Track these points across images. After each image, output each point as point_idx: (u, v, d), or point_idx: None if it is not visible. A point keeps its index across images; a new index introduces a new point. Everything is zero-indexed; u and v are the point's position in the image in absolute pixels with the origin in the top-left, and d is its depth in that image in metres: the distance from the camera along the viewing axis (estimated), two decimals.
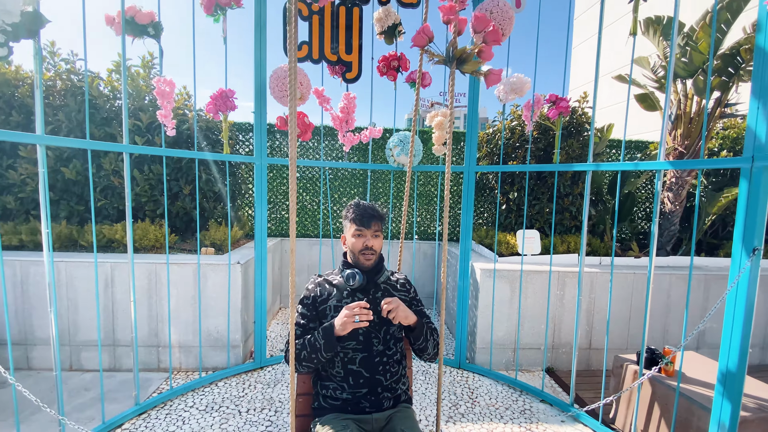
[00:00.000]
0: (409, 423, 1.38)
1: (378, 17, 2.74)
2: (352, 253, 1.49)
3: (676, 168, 1.89)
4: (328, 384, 1.42)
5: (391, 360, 1.43)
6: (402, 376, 1.49)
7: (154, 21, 2.16)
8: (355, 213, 1.47)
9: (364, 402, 1.38)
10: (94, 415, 2.29)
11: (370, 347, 1.40)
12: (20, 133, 1.78)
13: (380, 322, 1.43)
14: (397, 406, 1.45)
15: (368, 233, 1.46)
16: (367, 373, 1.39)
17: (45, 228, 1.81)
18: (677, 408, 1.90)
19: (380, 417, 1.39)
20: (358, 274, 1.42)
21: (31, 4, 1.69)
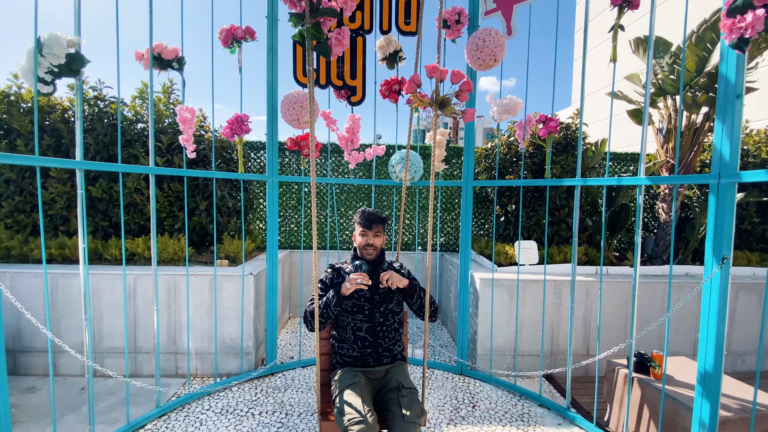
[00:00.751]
0: (402, 374, 1.89)
1: (380, 45, 2.97)
2: (359, 248, 1.99)
3: (654, 183, 2.04)
4: (343, 345, 1.96)
5: (389, 329, 1.96)
6: (398, 341, 2.01)
7: (177, 56, 2.40)
8: (361, 217, 1.97)
9: (369, 358, 1.91)
10: (118, 417, 2.46)
11: (373, 319, 1.92)
12: (63, 160, 2.00)
13: (380, 300, 1.93)
14: (394, 362, 1.97)
15: (370, 233, 1.95)
16: (371, 338, 1.91)
17: (81, 243, 2.02)
18: (664, 409, 2.01)
19: (381, 369, 1.92)
20: (365, 264, 1.88)
21: (74, 47, 1.93)
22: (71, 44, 1.90)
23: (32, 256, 3.21)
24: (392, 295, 1.97)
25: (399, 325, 2.03)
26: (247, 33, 2.67)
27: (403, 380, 1.82)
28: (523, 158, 2.82)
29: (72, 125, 3.35)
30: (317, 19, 1.84)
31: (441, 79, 1.78)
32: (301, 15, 1.82)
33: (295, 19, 1.75)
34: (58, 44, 1.83)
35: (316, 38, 1.84)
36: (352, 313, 1.92)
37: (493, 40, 2.61)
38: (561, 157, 3.65)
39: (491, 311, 3.05)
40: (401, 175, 3.26)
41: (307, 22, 1.65)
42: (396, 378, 1.84)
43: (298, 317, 4.66)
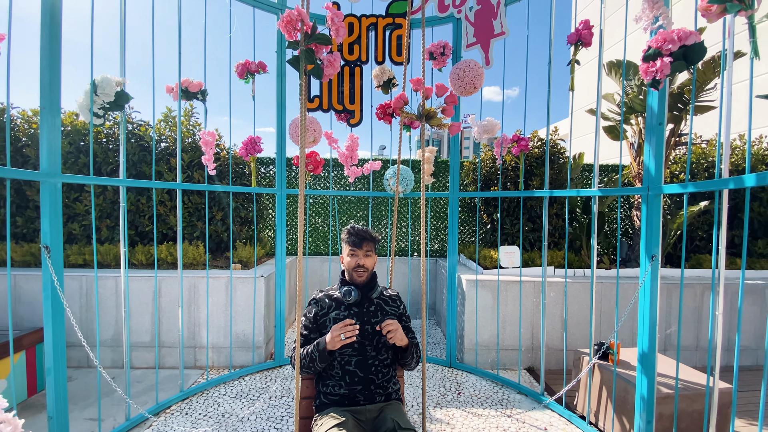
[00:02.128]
0: (399, 413, 1.60)
1: (376, 74, 3.38)
2: (347, 271, 1.76)
3: (604, 194, 2.39)
4: (328, 382, 1.65)
5: (382, 363, 1.68)
6: (393, 377, 1.73)
7: (201, 89, 2.83)
8: (349, 235, 1.75)
9: (359, 396, 1.62)
10: (146, 400, 2.83)
11: (364, 352, 1.65)
12: (108, 178, 2.41)
13: (373, 333, 1.68)
14: (389, 401, 1.68)
15: (360, 253, 1.72)
16: (361, 373, 1.63)
17: (123, 248, 2.42)
18: (617, 388, 2.34)
19: (373, 408, 1.62)
20: (354, 290, 1.68)
21: (120, 86, 2.35)
22: (118, 84, 2.33)
23: (68, 261, 3.62)
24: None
25: (393, 360, 1.75)
26: (259, 67, 3.09)
27: (400, 420, 1.54)
28: (501, 172, 3.19)
29: (103, 146, 3.79)
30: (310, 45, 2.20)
31: (427, 95, 2.15)
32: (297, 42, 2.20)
33: (292, 45, 2.10)
34: (109, 85, 2.25)
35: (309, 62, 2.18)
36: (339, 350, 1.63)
37: (472, 71, 3.00)
38: (541, 170, 4.01)
39: (476, 310, 3.39)
40: (395, 187, 3.64)
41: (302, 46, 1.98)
42: (391, 417, 1.55)
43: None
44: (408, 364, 1.75)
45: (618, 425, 2.34)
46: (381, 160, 4.23)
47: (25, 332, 2.91)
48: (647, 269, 2.01)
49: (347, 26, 3.39)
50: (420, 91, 2.18)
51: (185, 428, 2.49)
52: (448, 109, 2.19)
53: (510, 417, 2.68)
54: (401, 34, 3.41)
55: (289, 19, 1.52)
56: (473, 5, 3.21)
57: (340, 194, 4.06)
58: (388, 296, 1.83)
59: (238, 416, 2.63)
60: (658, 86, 1.85)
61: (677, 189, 1.87)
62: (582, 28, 2.48)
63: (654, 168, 2.00)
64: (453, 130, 2.23)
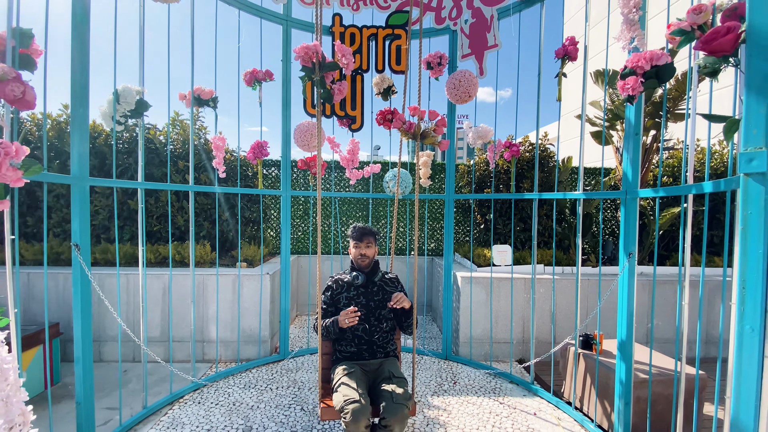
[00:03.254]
0: (394, 366, 2.16)
1: (376, 82, 3.57)
2: (354, 260, 2.28)
3: (589, 197, 2.60)
4: (342, 343, 2.23)
5: (383, 330, 2.23)
6: (390, 340, 2.27)
7: (213, 96, 2.99)
8: (353, 232, 2.28)
9: (365, 353, 2.19)
10: (160, 391, 2.99)
11: (369, 321, 2.20)
12: (126, 181, 2.57)
13: (375, 307, 2.22)
14: (387, 357, 2.23)
15: (362, 245, 2.24)
16: (366, 337, 2.20)
17: (141, 246, 2.58)
18: (599, 374, 2.55)
19: (375, 362, 2.19)
20: (360, 275, 2.22)
21: (140, 95, 2.51)
22: (138, 93, 2.49)
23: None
24: (385, 303, 2.23)
25: (391, 327, 2.28)
26: (266, 75, 3.27)
27: (394, 371, 2.09)
28: (494, 175, 3.39)
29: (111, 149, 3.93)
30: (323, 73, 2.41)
31: (421, 117, 2.36)
32: (312, 69, 2.39)
33: (306, 71, 2.30)
34: (130, 95, 2.42)
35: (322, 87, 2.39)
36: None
37: (467, 81, 3.21)
38: (532, 173, 4.23)
39: (470, 305, 3.59)
40: (394, 189, 3.84)
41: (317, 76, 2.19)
42: (388, 369, 2.11)
43: (304, 315, 5.19)
44: (409, 326, 2.25)
45: (600, 408, 2.55)
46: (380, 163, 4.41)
47: (41, 327, 3.05)
48: (625, 264, 2.22)
49: (349, 36, 3.58)
50: (416, 115, 2.40)
51: (199, 416, 2.65)
52: (439, 129, 2.43)
53: (502, 404, 2.88)
54: (400, 45, 3.60)
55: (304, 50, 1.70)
56: (468, 18, 3.41)
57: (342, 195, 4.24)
58: (388, 279, 2.35)
59: (248, 405, 2.81)
60: (633, 101, 2.06)
61: (650, 193, 2.09)
62: (568, 44, 2.69)
63: (631, 174, 2.21)
64: (443, 146, 2.47)
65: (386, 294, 2.26)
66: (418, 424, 2.60)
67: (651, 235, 4.19)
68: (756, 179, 0.83)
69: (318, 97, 2.39)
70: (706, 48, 1.15)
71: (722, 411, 2.83)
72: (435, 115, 2.40)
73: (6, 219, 1.63)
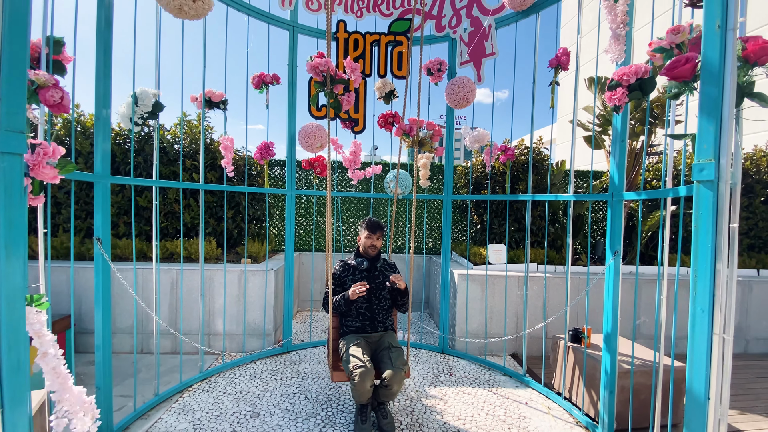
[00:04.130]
0: (392, 338, 2.61)
1: (378, 86, 3.72)
2: (363, 247, 2.68)
3: (577, 199, 2.76)
4: (348, 319, 2.65)
5: (382, 308, 2.66)
6: (389, 316, 2.71)
7: (223, 98, 3.13)
8: (367, 224, 2.66)
9: (368, 327, 2.61)
10: (169, 380, 3.12)
11: (371, 300, 2.63)
12: (143, 179, 2.70)
13: (377, 288, 2.64)
14: (386, 330, 2.67)
15: (374, 237, 2.65)
16: (368, 313, 2.62)
17: (155, 241, 2.72)
18: (587, 366, 2.72)
19: (376, 335, 2.63)
20: (365, 261, 2.67)
21: (156, 97, 2.65)
22: (154, 95, 2.63)
23: (88, 255, 3.88)
24: (385, 285, 2.66)
25: (389, 305, 2.72)
26: (273, 79, 3.41)
27: (392, 342, 2.55)
28: (490, 177, 3.55)
29: (122, 147, 4.06)
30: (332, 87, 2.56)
31: (420, 126, 2.53)
32: (323, 83, 2.55)
33: (318, 85, 2.46)
34: (147, 97, 2.55)
35: (331, 97, 2.55)
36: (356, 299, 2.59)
37: (465, 87, 3.37)
38: (527, 175, 4.39)
39: (466, 302, 3.75)
40: (394, 190, 3.99)
41: (328, 88, 2.36)
42: (387, 340, 2.56)
43: (306, 311, 5.34)
44: (404, 305, 2.66)
45: (587, 398, 2.72)
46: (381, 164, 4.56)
47: (55, 319, 3.17)
48: (611, 262, 2.38)
49: (352, 42, 3.72)
50: (415, 126, 2.57)
51: (208, 403, 2.79)
52: (435, 138, 2.62)
53: (495, 394, 3.04)
54: (402, 51, 3.75)
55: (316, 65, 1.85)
56: (467, 27, 3.56)
57: (344, 195, 4.39)
58: (388, 265, 2.80)
59: (254, 393, 2.95)
60: (619, 111, 2.23)
61: (634, 196, 2.25)
62: (561, 54, 2.85)
63: (617, 178, 2.38)
64: (439, 153, 2.66)
65: (386, 278, 2.68)
66: (417, 411, 2.75)
67: (643, 236, 4.37)
68: (706, 186, 0.98)
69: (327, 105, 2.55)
70: (669, 74, 1.31)
71: None
72: (432, 127, 2.59)
73: (39, 214, 1.76)
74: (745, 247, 4.61)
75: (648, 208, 4.50)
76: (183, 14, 2.23)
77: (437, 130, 2.51)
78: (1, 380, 0.85)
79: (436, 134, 2.52)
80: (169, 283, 3.63)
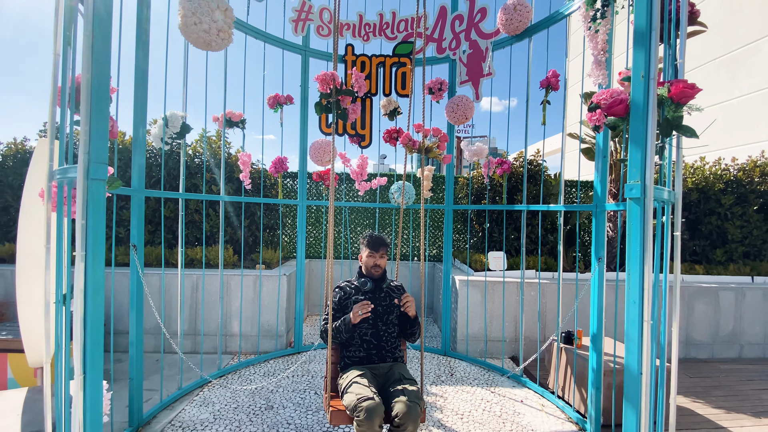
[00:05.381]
0: (404, 369, 2.19)
1: (383, 104, 4.01)
2: (365, 267, 2.31)
3: (569, 209, 2.98)
4: (350, 349, 2.23)
5: (390, 335, 2.25)
6: (398, 345, 2.31)
7: (242, 118, 3.44)
8: (369, 241, 2.28)
9: (374, 357, 2.19)
10: (190, 377, 3.39)
11: (377, 326, 2.22)
12: (172, 192, 3.00)
13: (383, 313, 2.23)
14: (396, 361, 2.25)
15: (377, 255, 2.26)
16: (375, 341, 2.21)
17: (180, 248, 3.01)
18: (577, 365, 2.91)
19: (384, 366, 2.18)
20: (369, 282, 2.25)
21: (183, 119, 2.96)
22: (182, 118, 2.94)
23: (117, 261, 4.19)
24: (392, 309, 2.27)
25: (398, 333, 2.32)
26: (287, 99, 3.72)
27: (404, 373, 2.12)
28: (488, 188, 3.79)
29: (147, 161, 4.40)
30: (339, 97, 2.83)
31: (425, 134, 2.77)
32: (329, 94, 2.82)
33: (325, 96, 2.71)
34: (176, 119, 2.86)
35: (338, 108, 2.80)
36: (359, 324, 2.19)
37: (464, 105, 3.64)
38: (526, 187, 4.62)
39: (467, 306, 3.97)
40: (399, 200, 4.25)
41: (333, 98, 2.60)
42: (398, 372, 2.11)
43: (315, 315, 5.59)
44: (413, 334, 2.30)
45: (578, 395, 2.91)
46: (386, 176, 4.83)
47: None
48: (596, 267, 2.59)
49: (360, 64, 4.03)
50: (420, 132, 2.80)
51: (226, 396, 3.05)
52: (441, 145, 2.83)
53: (493, 393, 3.24)
54: (405, 71, 4.04)
55: (324, 77, 2.12)
56: (466, 49, 3.84)
57: (351, 205, 4.66)
58: (394, 286, 2.39)
59: (268, 389, 3.19)
60: (599, 130, 2.46)
61: (614, 207, 2.47)
62: (551, 76, 3.10)
63: (600, 190, 2.60)
64: (446, 160, 2.86)
65: (392, 301, 2.30)
66: None
67: None
68: (635, 202, 1.20)
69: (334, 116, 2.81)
70: (608, 112, 1.56)
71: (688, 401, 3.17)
72: (438, 132, 2.77)
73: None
74: (740, 254, 4.74)
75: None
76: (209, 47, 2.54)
77: (443, 135, 2.72)
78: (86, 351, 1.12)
79: (443, 140, 2.73)
80: (190, 287, 3.92)
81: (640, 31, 1.23)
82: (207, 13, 2.23)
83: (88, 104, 1.18)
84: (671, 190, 1.47)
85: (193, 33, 2.26)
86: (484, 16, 3.70)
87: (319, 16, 3.81)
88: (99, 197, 1.15)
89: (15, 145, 4.48)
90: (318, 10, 3.80)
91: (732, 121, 7.76)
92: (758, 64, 7.32)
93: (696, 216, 4.78)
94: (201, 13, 2.21)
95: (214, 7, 2.26)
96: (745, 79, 7.57)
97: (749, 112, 7.44)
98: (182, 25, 2.25)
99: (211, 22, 2.26)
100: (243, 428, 2.61)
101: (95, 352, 1.17)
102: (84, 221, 1.09)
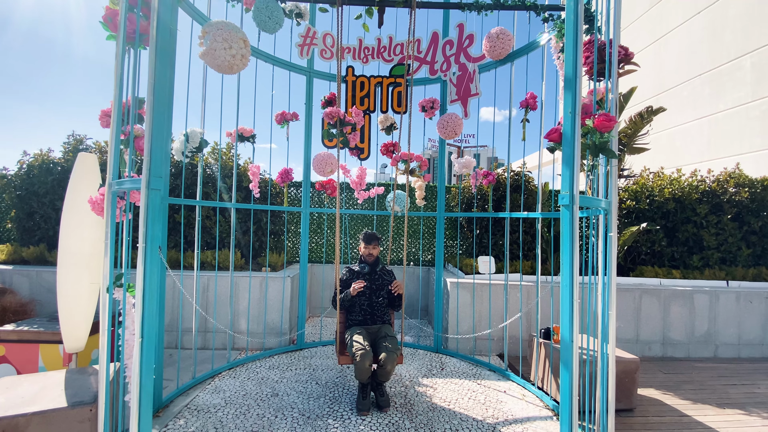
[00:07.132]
0: (389, 329, 3.17)
1: (381, 120, 4.37)
2: (363, 256, 3.28)
3: (545, 216, 3.31)
4: (352, 314, 3.25)
5: (381, 305, 3.24)
6: (386, 312, 3.28)
7: (252, 134, 3.81)
8: (364, 236, 3.30)
9: (368, 320, 3.20)
10: (201, 369, 3.70)
11: (371, 299, 3.21)
12: (190, 200, 3.36)
13: (376, 289, 3.22)
14: (384, 323, 3.24)
15: (369, 246, 3.26)
16: (369, 310, 3.21)
17: (197, 251, 3.35)
18: (553, 358, 3.21)
19: (375, 327, 3.19)
20: (367, 266, 3.25)
21: (201, 135, 3.33)
22: (200, 134, 3.31)
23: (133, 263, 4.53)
24: (383, 286, 3.25)
25: (387, 303, 3.30)
26: (293, 116, 4.09)
27: (388, 332, 3.12)
28: (476, 197, 4.13)
29: None
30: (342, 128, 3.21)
31: (410, 159, 3.15)
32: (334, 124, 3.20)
33: (331, 127, 3.11)
34: (195, 136, 3.23)
35: (342, 136, 3.19)
36: (358, 296, 3.22)
37: (454, 122, 4.00)
38: (513, 196, 4.96)
39: (457, 306, 4.27)
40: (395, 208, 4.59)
41: (338, 128, 3.01)
42: (384, 331, 3.13)
43: (316, 317, 5.89)
44: (399, 306, 3.27)
45: (554, 385, 3.20)
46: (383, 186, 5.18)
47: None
48: None
49: (359, 84, 4.41)
50: (406, 158, 3.20)
51: (235, 386, 3.35)
52: (422, 167, 3.24)
53: (480, 384, 3.54)
54: (401, 90, 4.41)
55: (330, 113, 2.49)
56: (456, 71, 4.21)
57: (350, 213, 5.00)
58: (386, 271, 3.36)
59: (273, 379, 3.50)
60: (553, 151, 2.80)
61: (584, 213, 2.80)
62: (529, 97, 3.47)
63: None
64: (426, 179, 3.27)
65: (383, 280, 3.27)
66: (410, 395, 3.26)
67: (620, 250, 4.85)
68: (566, 208, 1.53)
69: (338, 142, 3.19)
70: (548, 138, 1.94)
71: (659, 394, 3.46)
72: (419, 158, 3.23)
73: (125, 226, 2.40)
74: (717, 260, 5.05)
75: (624, 225, 5.00)
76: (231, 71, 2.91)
77: (424, 162, 3.13)
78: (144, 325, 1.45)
79: (423, 165, 3.14)
80: (201, 288, 4.25)
81: (568, 78, 1.58)
82: (236, 41, 2.60)
83: (150, 130, 1.53)
84: (608, 199, 1.80)
85: (219, 57, 2.62)
86: (472, 42, 4.09)
87: (323, 41, 4.21)
88: (156, 205, 1.50)
89: (40, 155, 4.85)
90: (321, 36, 4.19)
91: (716, 135, 8.12)
92: (740, 80, 7.70)
93: (674, 224, 5.09)
94: (231, 41, 2.57)
95: (239, 36, 2.64)
96: (728, 94, 7.95)
97: (732, 125, 7.81)
98: (210, 50, 2.61)
99: (238, 48, 2.62)
100: (251, 411, 2.92)
101: (150, 323, 1.50)
102: (144, 222, 1.44)
